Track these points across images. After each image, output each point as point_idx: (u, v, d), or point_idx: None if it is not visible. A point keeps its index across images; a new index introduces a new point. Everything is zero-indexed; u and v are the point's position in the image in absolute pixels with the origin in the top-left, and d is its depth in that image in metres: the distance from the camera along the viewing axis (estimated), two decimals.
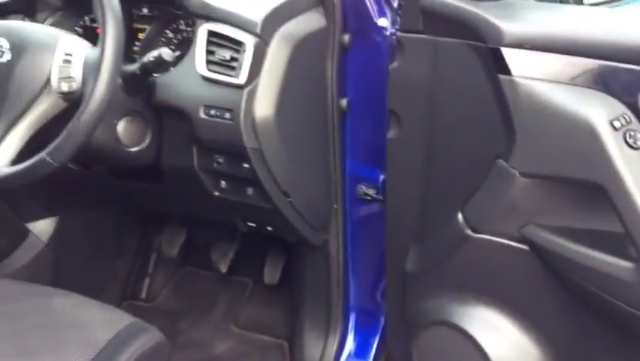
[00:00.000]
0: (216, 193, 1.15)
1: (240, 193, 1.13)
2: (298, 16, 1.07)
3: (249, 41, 0.99)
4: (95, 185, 1.30)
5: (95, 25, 1.25)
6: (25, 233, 1.40)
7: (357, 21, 1.13)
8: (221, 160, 1.08)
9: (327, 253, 1.30)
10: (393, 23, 1.14)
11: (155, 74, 1.08)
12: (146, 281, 1.72)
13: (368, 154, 1.25)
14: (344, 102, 1.17)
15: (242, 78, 0.98)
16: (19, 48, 0.93)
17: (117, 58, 0.89)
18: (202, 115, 1.03)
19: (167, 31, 1.21)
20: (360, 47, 1.16)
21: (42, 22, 1.22)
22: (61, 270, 1.48)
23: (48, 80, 0.92)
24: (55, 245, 1.45)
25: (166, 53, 0.98)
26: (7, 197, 1.33)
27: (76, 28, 1.24)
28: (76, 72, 0.91)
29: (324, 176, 1.21)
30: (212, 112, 1.01)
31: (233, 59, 1.01)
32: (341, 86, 1.16)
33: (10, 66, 0.93)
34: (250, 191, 1.12)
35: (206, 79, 1.02)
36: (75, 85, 0.91)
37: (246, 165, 1.05)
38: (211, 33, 1.04)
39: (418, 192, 1.09)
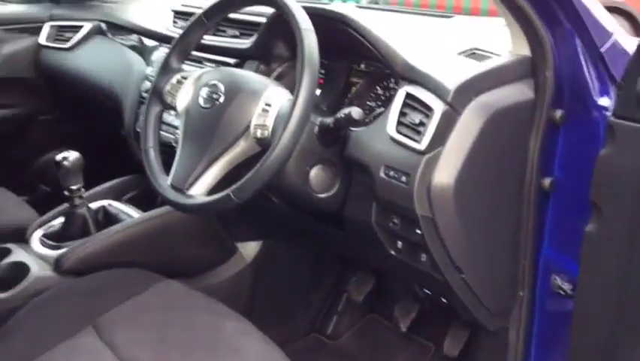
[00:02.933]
0: (393, 252, 1.14)
1: (414, 258, 1.10)
2: (502, 86, 1.00)
3: (438, 108, 0.96)
4: (295, 221, 1.39)
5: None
6: (234, 251, 1.55)
7: (573, 97, 1.02)
8: (396, 221, 1.07)
9: (505, 342, 1.18)
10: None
11: (352, 128, 1.12)
12: (334, 319, 1.76)
13: (570, 244, 1.11)
14: (547, 182, 1.06)
15: (423, 144, 0.96)
16: (232, 93, 1.05)
17: (305, 113, 0.94)
18: (382, 174, 1.03)
19: (378, 88, 1.24)
20: (574, 125, 1.04)
21: (273, 70, 1.35)
22: (258, 291, 1.61)
23: (249, 125, 1.02)
24: (256, 267, 1.58)
25: (356, 112, 1.00)
26: (223, 218, 1.49)
27: None
28: (270, 121, 0.99)
29: (511, 258, 1.11)
30: (391, 173, 1.01)
31: (421, 123, 0.99)
32: (545, 164, 1.05)
33: (222, 108, 1.05)
34: (424, 258, 1.08)
35: (392, 140, 1.02)
36: (266, 133, 0.99)
37: (418, 232, 1.02)
38: (408, 95, 1.04)
39: (613, 301, 0.93)
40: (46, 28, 2.09)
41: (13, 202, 1.70)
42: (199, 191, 1.03)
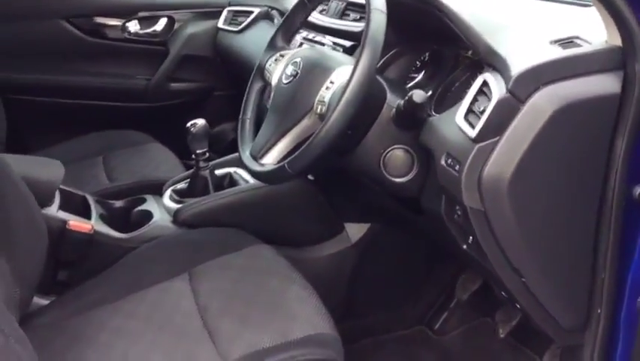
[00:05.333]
0: (464, 247, 1.09)
1: (482, 255, 1.05)
2: (582, 77, 0.90)
3: (495, 95, 0.90)
4: (383, 204, 1.39)
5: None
6: (340, 230, 1.60)
7: None
8: (459, 213, 1.02)
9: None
10: None
11: (433, 114, 1.10)
12: (444, 316, 1.72)
13: None
14: (638, 191, 0.93)
15: (475, 131, 0.91)
16: (307, 70, 1.10)
17: (357, 91, 0.95)
18: (442, 161, 0.99)
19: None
20: None
21: (383, 56, 1.35)
22: (363, 274, 1.63)
23: (314, 101, 1.06)
24: (361, 249, 1.60)
25: (417, 94, 0.99)
26: (330, 198, 1.55)
27: (412, 68, 1.34)
28: (328, 98, 1.02)
29: (587, 271, 0.99)
30: (449, 161, 0.97)
31: (484, 110, 0.94)
32: (636, 170, 0.92)
33: (298, 83, 1.10)
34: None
35: (458, 127, 0.98)
36: (324, 109, 1.02)
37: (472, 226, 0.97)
38: (485, 82, 0.99)
39: None
40: (224, 13, 2.33)
41: (172, 163, 1.95)
42: (269, 160, 1.11)
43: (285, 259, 1.33)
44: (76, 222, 1.34)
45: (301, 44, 1.65)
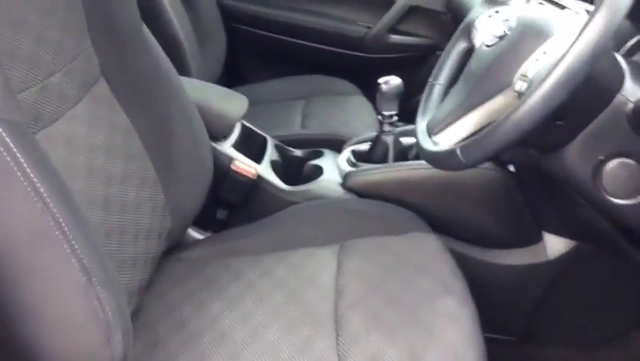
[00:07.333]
0: None
1: None
2: None
3: None
4: (594, 225, 1.07)
5: None
6: (536, 239, 1.29)
7: None
8: None
9: None
10: None
11: None
12: None
13: None
14: None
15: None
16: (519, 31, 0.82)
17: (574, 70, 0.67)
18: None
19: None
20: None
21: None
22: (554, 295, 1.33)
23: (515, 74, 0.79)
24: (559, 267, 1.29)
25: None
26: (531, 199, 1.26)
27: None
28: (534, 72, 0.74)
29: None
30: None
31: None
32: None
33: (503, 48, 0.84)
34: None
35: None
36: (524, 86, 0.75)
37: None
38: None
39: None
40: None
41: (369, 119, 1.81)
42: (444, 139, 0.88)
43: (456, 257, 1.11)
44: (240, 164, 1.27)
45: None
